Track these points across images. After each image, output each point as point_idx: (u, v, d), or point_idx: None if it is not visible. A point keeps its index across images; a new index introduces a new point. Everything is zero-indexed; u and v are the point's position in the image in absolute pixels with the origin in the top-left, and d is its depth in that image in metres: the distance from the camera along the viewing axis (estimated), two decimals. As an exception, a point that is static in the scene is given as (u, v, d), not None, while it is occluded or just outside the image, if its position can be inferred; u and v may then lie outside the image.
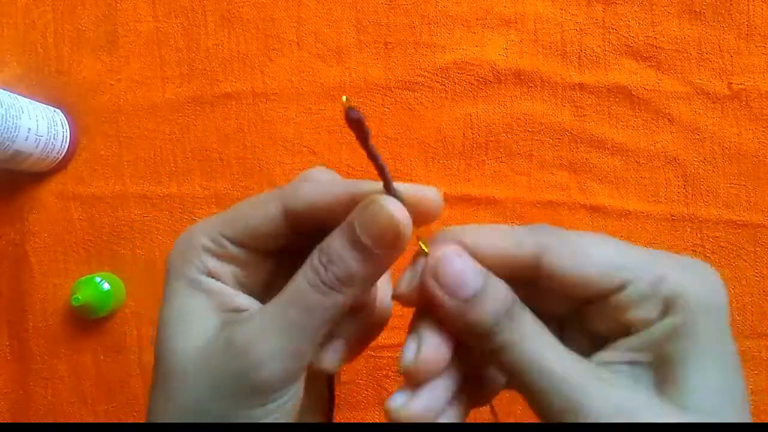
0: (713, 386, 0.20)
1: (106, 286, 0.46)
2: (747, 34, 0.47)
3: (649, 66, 0.47)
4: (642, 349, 0.21)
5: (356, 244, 0.22)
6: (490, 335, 0.21)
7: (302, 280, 0.22)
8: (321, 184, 0.24)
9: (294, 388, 0.23)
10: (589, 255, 0.22)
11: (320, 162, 0.47)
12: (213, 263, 0.24)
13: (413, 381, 0.23)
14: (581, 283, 0.22)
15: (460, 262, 0.22)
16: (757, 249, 0.46)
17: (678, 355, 0.21)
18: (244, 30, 0.48)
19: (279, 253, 0.25)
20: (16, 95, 0.43)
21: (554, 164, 0.47)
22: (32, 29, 0.49)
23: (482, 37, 0.48)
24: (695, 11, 0.47)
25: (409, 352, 0.23)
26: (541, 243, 0.22)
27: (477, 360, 0.24)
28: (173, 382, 0.23)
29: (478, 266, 0.22)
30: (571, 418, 0.20)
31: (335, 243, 0.22)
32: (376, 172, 0.22)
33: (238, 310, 0.24)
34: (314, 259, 0.23)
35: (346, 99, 0.20)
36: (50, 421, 0.47)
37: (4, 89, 0.42)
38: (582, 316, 0.23)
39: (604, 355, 0.22)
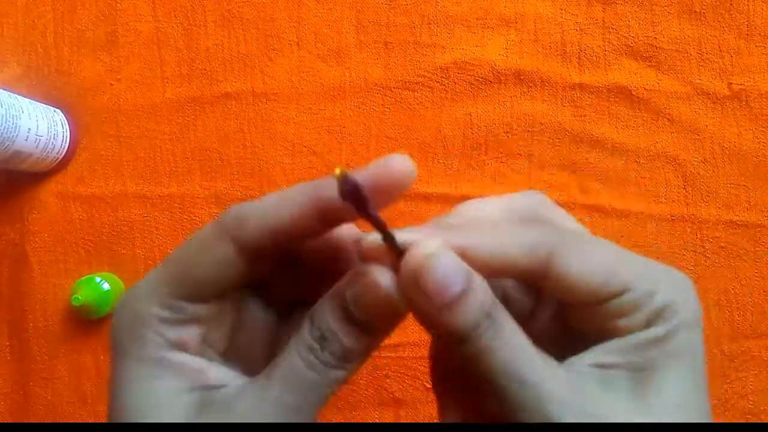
0: (685, 395, 0.20)
1: (106, 286, 0.46)
2: (747, 34, 0.47)
3: (649, 66, 0.47)
4: (621, 353, 0.21)
5: (350, 320, 0.20)
6: (467, 340, 0.20)
7: (296, 359, 0.20)
8: (270, 205, 0.21)
9: None
10: (594, 260, 0.21)
11: (320, 162, 0.47)
12: (174, 332, 0.21)
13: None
14: (583, 288, 0.21)
15: (445, 261, 0.19)
16: (757, 249, 0.46)
17: (656, 362, 0.20)
18: (244, 30, 0.48)
19: (241, 291, 0.22)
20: (16, 95, 0.43)
21: (554, 164, 0.47)
22: (32, 29, 0.49)
23: (482, 37, 0.48)
24: (695, 11, 0.47)
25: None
26: (553, 246, 0.21)
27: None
28: None
29: (462, 264, 0.20)
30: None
31: (327, 317, 0.20)
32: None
33: (213, 387, 0.21)
34: (306, 333, 0.20)
35: (340, 171, 0.18)
36: (50, 421, 0.47)
37: (4, 89, 0.42)
38: (562, 314, 0.23)
39: (584, 357, 0.21)
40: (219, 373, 0.21)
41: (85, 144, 0.48)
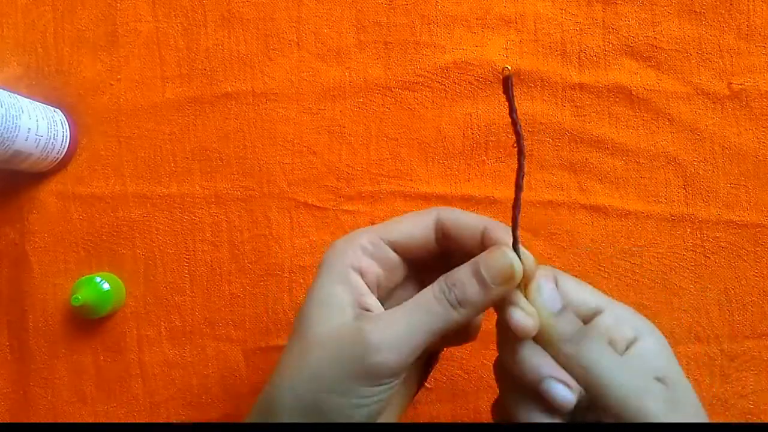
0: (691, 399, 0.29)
1: (106, 286, 0.46)
2: (747, 34, 0.47)
3: (649, 66, 0.47)
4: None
5: (478, 276, 0.29)
6: (571, 341, 0.28)
7: (430, 293, 0.29)
8: (467, 215, 0.31)
9: (401, 377, 0.29)
10: (577, 286, 0.31)
11: (320, 162, 0.47)
12: (364, 261, 0.31)
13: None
14: (576, 301, 0.31)
15: (551, 287, 0.30)
16: (757, 249, 0.46)
17: (665, 371, 0.29)
18: (244, 30, 0.48)
19: (414, 266, 0.33)
20: (16, 95, 0.43)
21: (554, 164, 0.47)
22: (32, 29, 0.49)
23: (482, 37, 0.48)
24: (695, 11, 0.47)
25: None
26: (556, 272, 0.31)
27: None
28: (309, 353, 0.29)
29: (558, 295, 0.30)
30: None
31: (462, 272, 0.29)
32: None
33: (366, 309, 0.30)
34: (442, 281, 0.29)
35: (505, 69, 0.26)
36: (50, 421, 0.47)
37: (4, 89, 0.42)
38: None
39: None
40: (373, 302, 0.31)
41: (85, 144, 0.48)
